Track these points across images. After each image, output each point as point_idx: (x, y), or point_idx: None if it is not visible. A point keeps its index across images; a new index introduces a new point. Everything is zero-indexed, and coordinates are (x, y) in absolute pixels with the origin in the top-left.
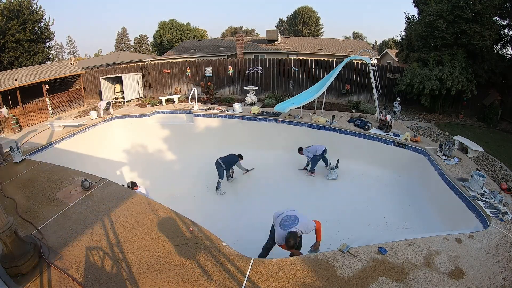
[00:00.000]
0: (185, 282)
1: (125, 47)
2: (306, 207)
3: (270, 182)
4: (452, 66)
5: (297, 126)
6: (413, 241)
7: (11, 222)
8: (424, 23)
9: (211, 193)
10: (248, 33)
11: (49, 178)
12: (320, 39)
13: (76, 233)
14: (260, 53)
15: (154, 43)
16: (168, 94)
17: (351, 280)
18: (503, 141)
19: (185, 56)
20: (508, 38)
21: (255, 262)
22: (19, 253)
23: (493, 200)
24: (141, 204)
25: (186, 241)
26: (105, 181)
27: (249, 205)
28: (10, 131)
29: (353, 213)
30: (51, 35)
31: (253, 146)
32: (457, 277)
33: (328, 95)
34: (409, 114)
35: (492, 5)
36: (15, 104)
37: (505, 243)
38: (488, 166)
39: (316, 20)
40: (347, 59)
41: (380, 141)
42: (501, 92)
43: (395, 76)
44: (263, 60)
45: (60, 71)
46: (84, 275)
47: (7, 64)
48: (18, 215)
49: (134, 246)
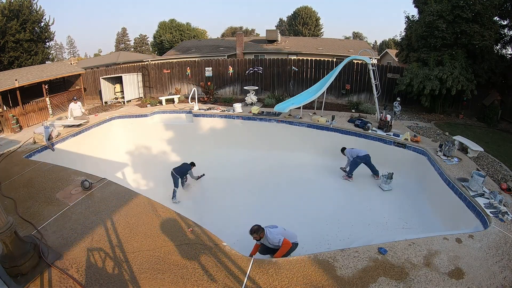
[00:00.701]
0: (185, 282)
1: (125, 47)
2: (306, 207)
3: (270, 182)
4: (452, 66)
5: (297, 126)
6: (413, 241)
7: (11, 222)
8: (424, 23)
9: (211, 192)
10: (248, 33)
11: (49, 178)
12: (320, 39)
13: (76, 233)
14: (260, 53)
15: (154, 43)
16: (168, 94)
17: (351, 280)
18: (503, 141)
19: (185, 56)
20: (508, 38)
21: (255, 262)
22: (19, 253)
23: (493, 200)
24: (141, 204)
25: (186, 241)
26: (105, 181)
27: (249, 205)
28: (10, 131)
29: (353, 213)
30: (51, 35)
31: (253, 146)
32: (457, 277)
33: (328, 95)
34: (409, 114)
35: (492, 5)
36: (15, 104)
37: (505, 243)
38: (488, 166)
39: (316, 20)
40: (347, 59)
41: (380, 141)
42: (501, 92)
43: (395, 76)
44: (263, 60)
45: (60, 71)
46: (84, 275)
47: (7, 64)
48: (18, 215)
49: (134, 246)
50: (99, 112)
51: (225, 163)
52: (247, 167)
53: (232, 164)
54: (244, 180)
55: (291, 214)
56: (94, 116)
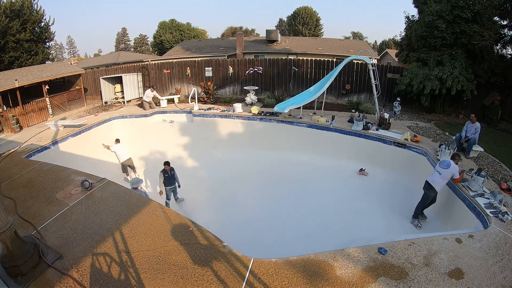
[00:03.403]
0: (185, 282)
1: (125, 47)
2: (306, 207)
3: (270, 182)
4: (452, 66)
5: (297, 126)
6: (413, 241)
7: (11, 222)
8: (424, 23)
9: (211, 192)
10: (248, 33)
11: (49, 178)
12: (320, 39)
13: (76, 233)
14: (260, 53)
15: (154, 43)
16: (169, 94)
17: (351, 280)
18: (503, 141)
19: (186, 55)
20: (508, 38)
21: (255, 262)
22: (19, 253)
23: (493, 200)
24: (141, 204)
25: (186, 241)
26: (105, 181)
27: (249, 205)
28: (10, 131)
29: (353, 213)
30: (51, 35)
31: (253, 146)
32: (457, 277)
33: (328, 95)
34: (409, 114)
35: (492, 5)
36: (15, 104)
37: (505, 243)
38: (488, 166)
39: (316, 20)
40: (347, 59)
41: (380, 141)
42: (501, 92)
43: (395, 76)
44: (263, 60)
45: (60, 71)
46: (84, 275)
47: (7, 64)
48: (18, 215)
49: (134, 246)
50: (99, 112)
51: (225, 163)
52: (247, 167)
53: (232, 164)
54: (244, 180)
55: (291, 214)
56: (94, 116)
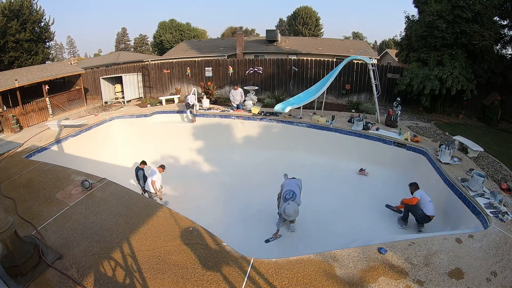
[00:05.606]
0: (185, 282)
1: (125, 47)
2: (306, 207)
3: (270, 182)
4: (452, 66)
5: (297, 126)
6: (413, 241)
7: (11, 222)
8: (424, 23)
9: (211, 192)
10: (248, 33)
11: (49, 178)
12: (320, 39)
13: (76, 233)
14: (260, 53)
15: (154, 43)
16: (169, 94)
17: (351, 280)
18: (503, 141)
19: (185, 56)
20: (508, 38)
21: (255, 262)
22: (19, 253)
23: (493, 200)
24: (141, 205)
25: (186, 241)
26: (105, 181)
27: (249, 205)
28: (10, 131)
29: (352, 212)
30: (51, 35)
31: (253, 146)
32: (457, 277)
33: (328, 95)
34: (409, 114)
35: (492, 5)
36: (15, 104)
37: (505, 243)
38: (488, 166)
39: (316, 20)
40: (347, 59)
41: (380, 141)
42: (501, 92)
43: (395, 76)
44: (263, 60)
45: (60, 71)
46: (84, 275)
47: (7, 64)
48: (18, 215)
49: (134, 246)
50: (99, 112)
51: (225, 163)
52: (246, 167)
53: (232, 164)
54: (244, 180)
55: None
56: (94, 116)
